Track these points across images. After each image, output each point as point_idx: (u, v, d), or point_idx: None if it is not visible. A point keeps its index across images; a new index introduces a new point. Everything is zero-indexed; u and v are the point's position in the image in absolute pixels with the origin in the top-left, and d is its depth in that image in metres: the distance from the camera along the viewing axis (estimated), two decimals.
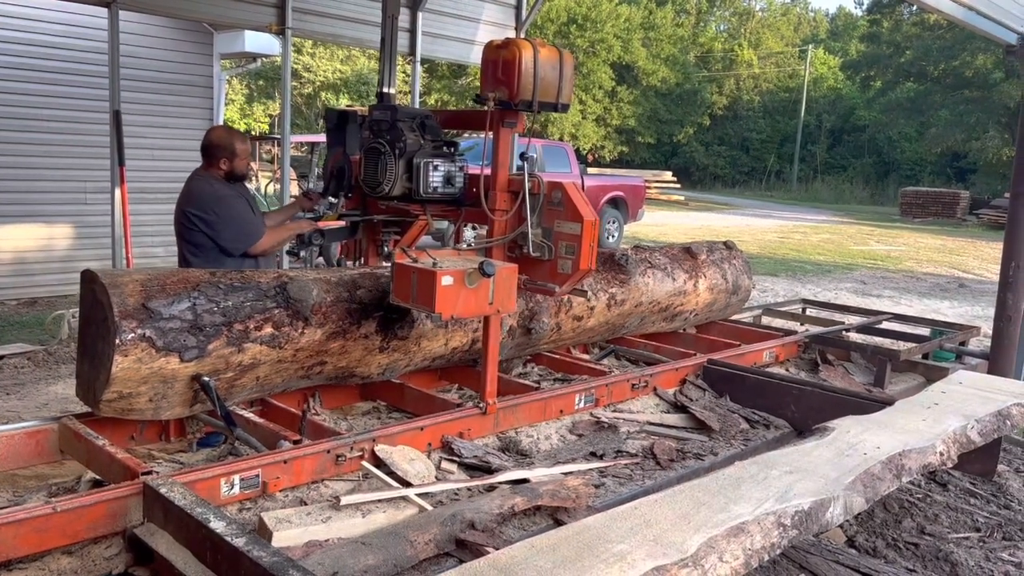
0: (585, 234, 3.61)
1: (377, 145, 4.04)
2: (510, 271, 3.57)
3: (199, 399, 3.42)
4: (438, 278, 3.27)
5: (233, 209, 4.23)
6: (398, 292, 3.51)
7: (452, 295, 3.31)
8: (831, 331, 6.35)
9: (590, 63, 32.99)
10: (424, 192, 3.96)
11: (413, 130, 4.04)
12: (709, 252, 6.03)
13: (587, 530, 2.41)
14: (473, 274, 3.35)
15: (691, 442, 4.22)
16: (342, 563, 2.57)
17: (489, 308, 3.52)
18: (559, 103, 3.75)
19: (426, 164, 3.93)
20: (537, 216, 3.76)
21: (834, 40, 49.30)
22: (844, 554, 3.39)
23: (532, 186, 3.71)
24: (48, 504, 2.61)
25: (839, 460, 3.14)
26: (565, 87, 3.73)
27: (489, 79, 3.66)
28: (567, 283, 3.73)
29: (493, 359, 3.77)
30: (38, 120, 8.60)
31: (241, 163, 4.33)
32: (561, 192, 3.70)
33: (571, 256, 3.66)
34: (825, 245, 18.54)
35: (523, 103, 3.60)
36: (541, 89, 3.61)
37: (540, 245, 3.73)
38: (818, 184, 39.74)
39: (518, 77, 3.54)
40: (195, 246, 4.18)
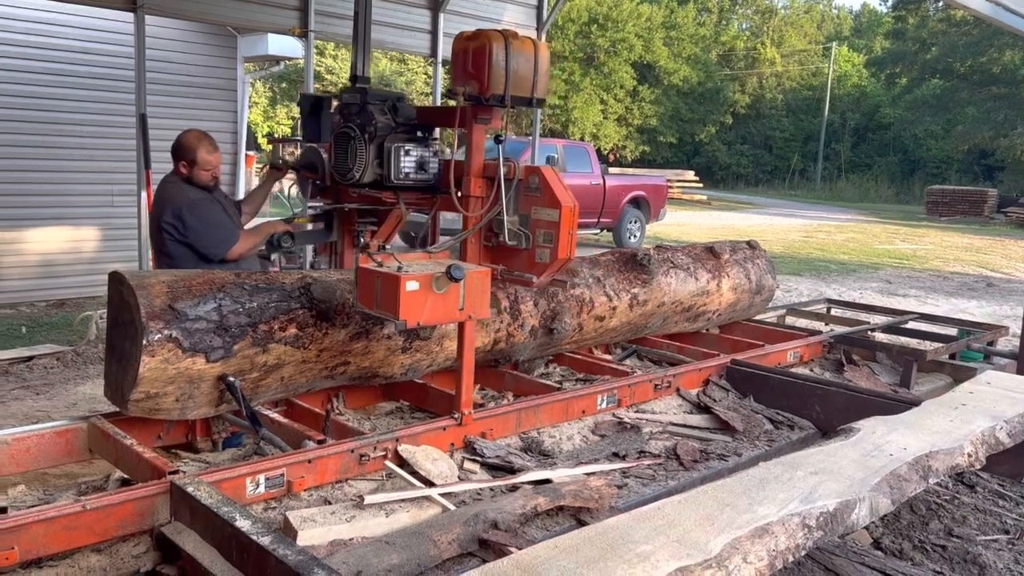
0: (563, 221, 3.45)
1: (347, 130, 3.83)
2: (482, 275, 3.37)
3: (225, 399, 3.45)
4: (402, 283, 3.09)
5: (208, 214, 4.02)
6: (362, 298, 3.34)
7: (418, 301, 3.14)
8: (856, 331, 6.29)
9: (611, 63, 32.90)
10: (395, 179, 3.74)
11: (384, 113, 3.81)
12: (732, 252, 5.99)
13: (610, 530, 2.41)
14: (441, 278, 3.17)
15: (714, 443, 4.20)
16: (366, 562, 2.59)
17: (459, 314, 3.33)
18: (534, 97, 3.57)
19: (397, 149, 3.71)
20: (513, 202, 3.59)
21: (858, 37, 48.85)
22: (870, 556, 3.36)
23: (507, 170, 3.53)
24: (78, 502, 2.65)
25: (865, 461, 3.11)
26: (540, 81, 3.57)
27: (460, 72, 3.49)
28: (545, 273, 3.57)
29: (468, 368, 3.57)
30: (66, 124, 8.72)
31: (201, 173, 4.08)
32: (538, 177, 3.52)
33: (549, 244, 3.49)
34: (850, 244, 18.37)
35: (495, 97, 3.43)
36: (514, 83, 3.44)
37: (516, 233, 3.57)
38: (842, 183, 39.37)
39: (489, 70, 3.38)
40: (171, 256, 4.00)
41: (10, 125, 8.32)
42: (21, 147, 8.45)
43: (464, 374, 3.57)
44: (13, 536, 2.47)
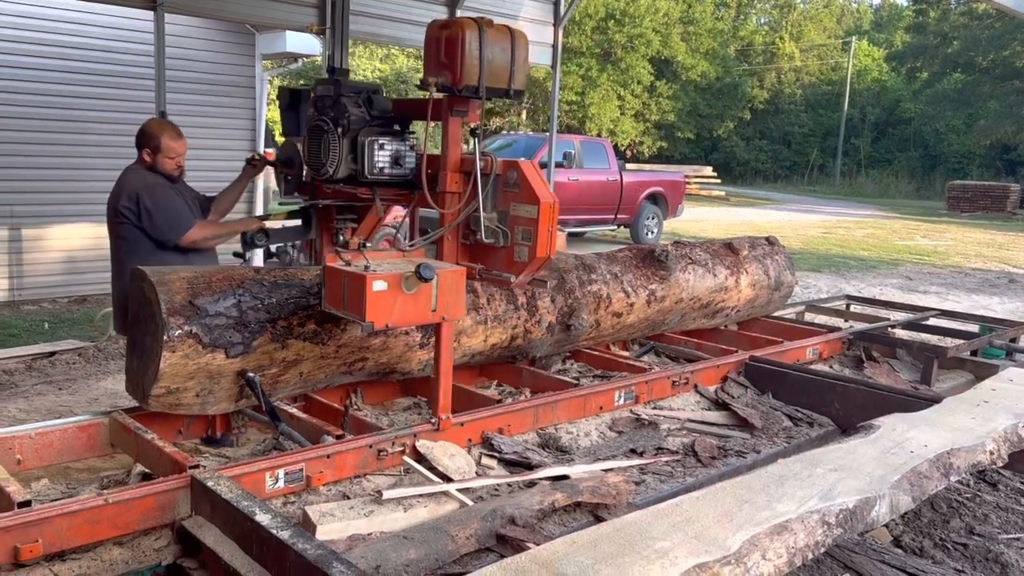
0: (542, 218, 3.29)
1: (320, 123, 3.69)
2: (455, 274, 3.24)
3: (244, 394, 3.48)
4: (368, 283, 2.98)
5: (162, 197, 3.89)
6: (330, 298, 3.23)
7: (386, 302, 3.02)
8: (876, 327, 6.25)
9: (628, 58, 32.76)
10: (370, 173, 3.59)
11: (358, 105, 3.67)
12: (751, 248, 5.96)
13: (628, 527, 2.41)
14: (410, 278, 3.05)
15: (733, 440, 4.18)
16: (384, 557, 2.60)
17: (432, 316, 3.20)
18: (511, 89, 3.41)
19: (371, 143, 3.57)
20: (491, 198, 3.44)
21: (878, 31, 48.41)
22: (890, 554, 3.34)
23: (484, 165, 3.39)
24: (100, 496, 2.68)
25: (885, 458, 3.09)
26: (518, 71, 3.40)
27: (432, 62, 3.34)
28: (524, 272, 3.41)
29: (446, 371, 3.44)
30: (88, 122, 8.80)
31: (166, 161, 3.96)
32: (516, 171, 3.37)
33: (528, 242, 3.33)
34: (869, 240, 18.23)
35: (468, 88, 3.28)
36: (489, 73, 3.30)
37: (494, 230, 3.42)
38: (862, 178, 39.05)
39: (461, 60, 3.23)
40: (126, 240, 3.90)
41: (33, 123, 8.41)
42: (43, 144, 8.53)
43: (442, 377, 3.43)
44: (37, 529, 2.51)
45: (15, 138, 8.08)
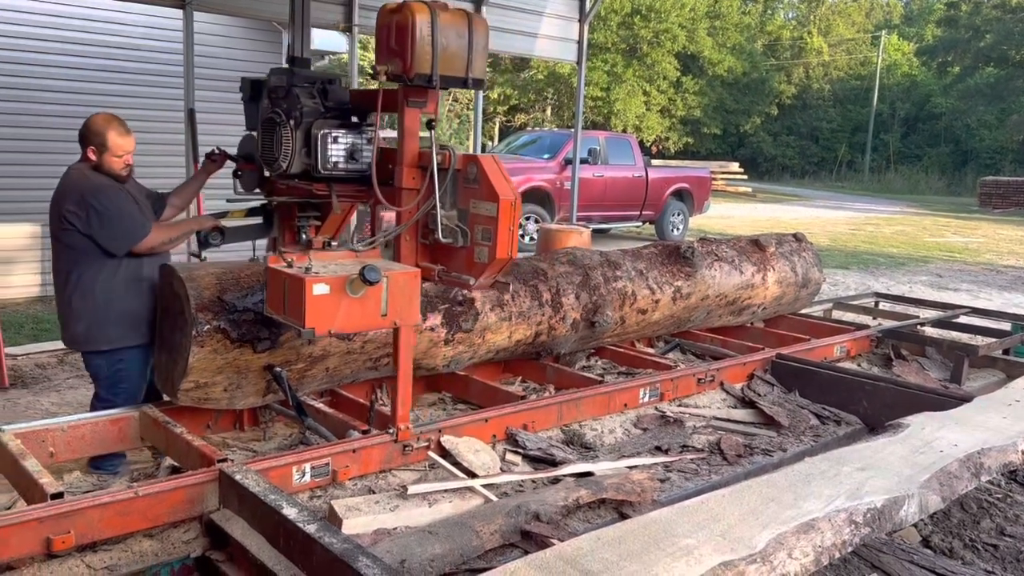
0: (502, 216, 3.07)
1: (273, 115, 3.47)
2: (408, 276, 3.06)
3: (271, 389, 3.52)
4: (308, 286, 2.79)
5: (113, 203, 3.50)
6: (272, 302, 3.03)
7: (329, 306, 2.84)
8: (905, 325, 6.17)
9: (654, 54, 32.55)
10: (323, 168, 3.37)
11: (312, 96, 3.46)
12: (778, 244, 5.92)
13: (653, 524, 2.41)
14: (355, 281, 2.86)
15: (759, 438, 4.16)
16: (410, 551, 2.62)
17: (382, 321, 3.02)
18: (469, 77, 3.21)
19: (324, 136, 3.35)
20: (451, 195, 3.25)
21: (908, 25, 47.71)
22: (919, 554, 3.30)
23: (442, 159, 3.19)
24: (130, 489, 2.73)
25: (913, 457, 3.06)
26: (477, 59, 3.20)
27: (382, 50, 3.16)
28: (484, 274, 3.20)
29: (405, 377, 3.26)
30: None
31: (113, 160, 3.57)
32: (476, 166, 3.16)
33: (487, 243, 3.12)
34: (899, 237, 18.00)
35: (420, 77, 3.08)
36: (443, 60, 3.10)
37: (452, 229, 3.21)
38: (891, 174, 38.52)
39: (412, 46, 3.03)
40: (71, 248, 3.50)
41: (65, 121, 8.51)
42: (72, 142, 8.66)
43: (400, 385, 3.26)
44: (70, 520, 2.55)
45: (45, 136, 8.19)
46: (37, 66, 8.10)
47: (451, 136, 26.95)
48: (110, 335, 3.51)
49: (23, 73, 7.98)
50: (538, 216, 13.11)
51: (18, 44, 7.92)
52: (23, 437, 3.13)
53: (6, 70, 7.84)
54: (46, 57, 8.19)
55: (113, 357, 3.55)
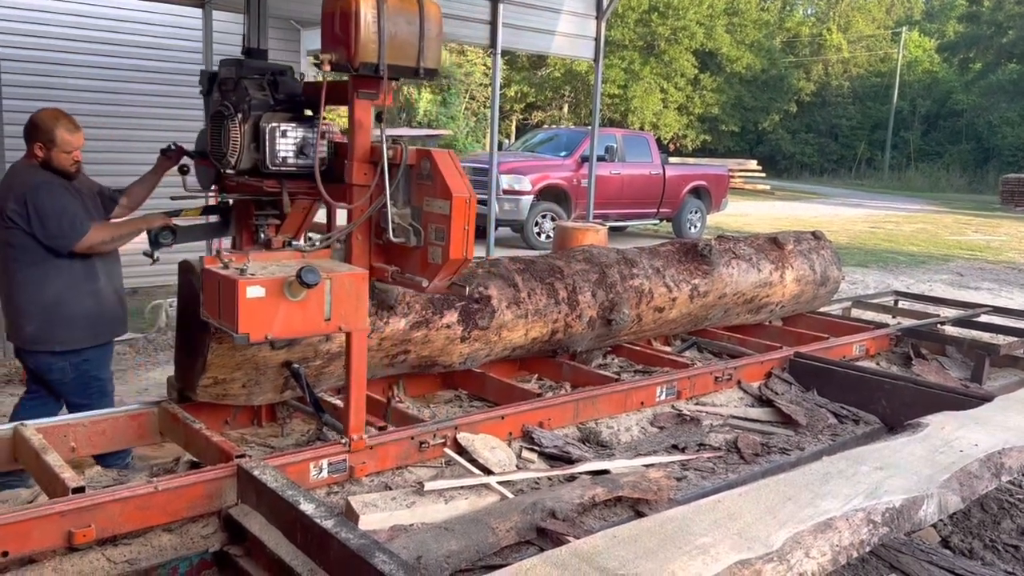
0: (455, 214, 2.91)
1: (222, 108, 3.32)
2: (354, 278, 2.91)
3: (289, 386, 3.54)
4: (241, 289, 2.64)
5: (51, 199, 3.44)
6: (207, 305, 2.88)
7: (265, 310, 2.70)
8: (925, 324, 6.12)
9: (672, 51, 32.46)
10: (272, 164, 3.20)
11: (262, 88, 3.29)
12: (796, 242, 5.88)
13: (669, 522, 2.40)
14: (293, 284, 2.70)
15: (776, 436, 4.14)
16: (426, 547, 2.63)
17: (325, 325, 2.87)
18: (420, 67, 3.03)
19: (273, 129, 3.18)
20: (403, 192, 3.10)
21: (930, 21, 47.25)
22: (938, 554, 3.27)
23: (393, 154, 3.03)
24: (150, 483, 2.75)
25: (933, 457, 3.03)
26: (429, 48, 3.02)
27: (327, 37, 3.00)
28: (438, 276, 3.04)
29: (358, 384, 3.10)
30: (140, 118, 8.97)
31: (61, 157, 3.50)
32: (430, 161, 3.00)
33: (441, 242, 2.97)
34: (919, 235, 17.84)
35: (366, 66, 2.90)
36: (392, 49, 2.92)
37: (405, 228, 3.06)
38: (911, 172, 38.19)
39: (356, 33, 2.86)
40: (13, 247, 3.47)
41: (90, 120, 8.57)
42: (96, 140, 8.72)
43: (352, 392, 3.11)
44: (91, 514, 2.58)
45: None
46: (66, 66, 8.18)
47: (468, 134, 26.99)
48: (62, 336, 3.49)
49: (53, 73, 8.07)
50: (555, 214, 13.11)
51: (45, 44, 8.01)
52: (45, 432, 3.17)
53: (37, 70, 7.92)
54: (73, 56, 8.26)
55: (76, 359, 3.54)
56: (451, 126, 25.04)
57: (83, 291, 3.52)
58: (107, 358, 3.70)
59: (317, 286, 2.72)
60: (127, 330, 3.99)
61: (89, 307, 3.53)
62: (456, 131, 25.46)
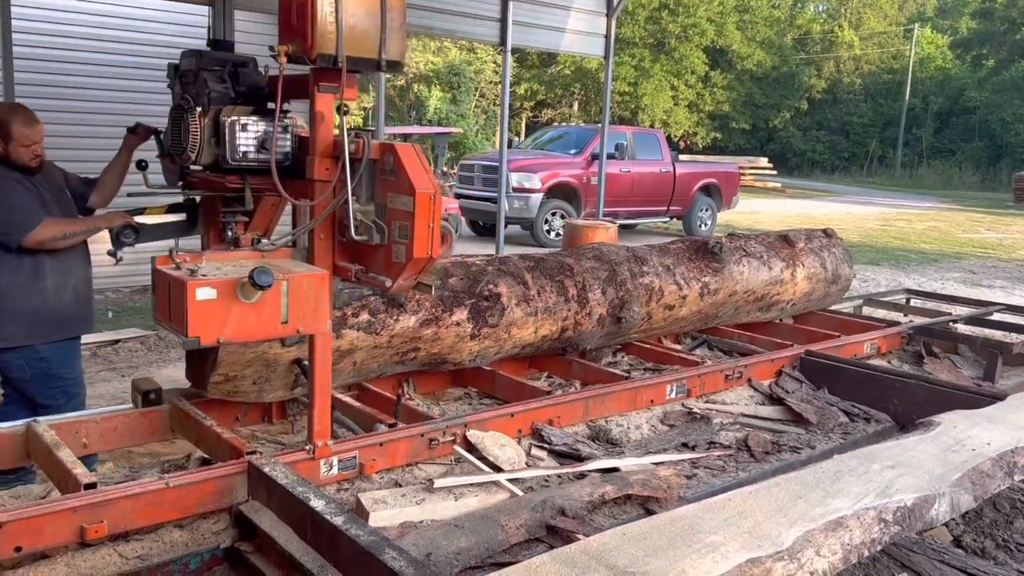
0: (419, 211, 2.78)
1: (182, 101, 3.20)
2: (313, 279, 2.79)
3: (300, 383, 3.55)
4: (190, 291, 2.53)
5: (2, 192, 3.37)
6: (159, 307, 2.76)
7: (216, 313, 2.59)
8: (937, 322, 6.09)
9: (682, 48, 32.38)
10: (232, 159, 3.06)
11: (222, 80, 3.16)
12: (807, 240, 5.86)
13: (679, 520, 2.40)
14: (246, 285, 2.58)
15: (787, 435, 4.13)
16: (435, 544, 2.63)
17: (282, 328, 2.75)
18: (382, 60, 2.90)
19: (232, 123, 3.04)
20: (367, 188, 2.98)
21: (942, 18, 46.97)
22: (950, 554, 3.25)
23: (355, 149, 2.90)
24: (161, 480, 2.77)
25: (945, 456, 3.02)
26: (392, 39, 2.90)
27: (284, 28, 2.90)
28: (402, 275, 2.91)
29: (322, 390, 3.00)
30: (152, 116, 9.02)
31: (20, 151, 3.42)
32: (393, 156, 2.87)
33: (405, 240, 2.85)
34: (931, 233, 17.75)
35: (323, 58, 2.78)
36: (351, 40, 2.80)
37: (368, 226, 2.93)
38: (924, 169, 37.99)
39: (312, 24, 2.74)
40: None
41: (102, 118, 8.62)
42: (106, 139, 8.76)
43: (316, 398, 3.00)
44: (103, 510, 2.59)
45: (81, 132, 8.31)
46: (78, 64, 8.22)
47: (478, 132, 27.00)
48: (7, 332, 3.41)
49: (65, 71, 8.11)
50: (564, 211, 13.10)
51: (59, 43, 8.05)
52: (57, 428, 3.19)
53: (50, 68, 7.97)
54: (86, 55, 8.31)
55: (31, 356, 3.47)
56: (461, 124, 25.04)
57: (29, 287, 3.42)
58: (69, 357, 3.58)
59: (272, 288, 2.62)
60: (91, 329, 3.86)
61: (36, 304, 3.43)
62: (466, 129, 25.47)
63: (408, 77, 26.95)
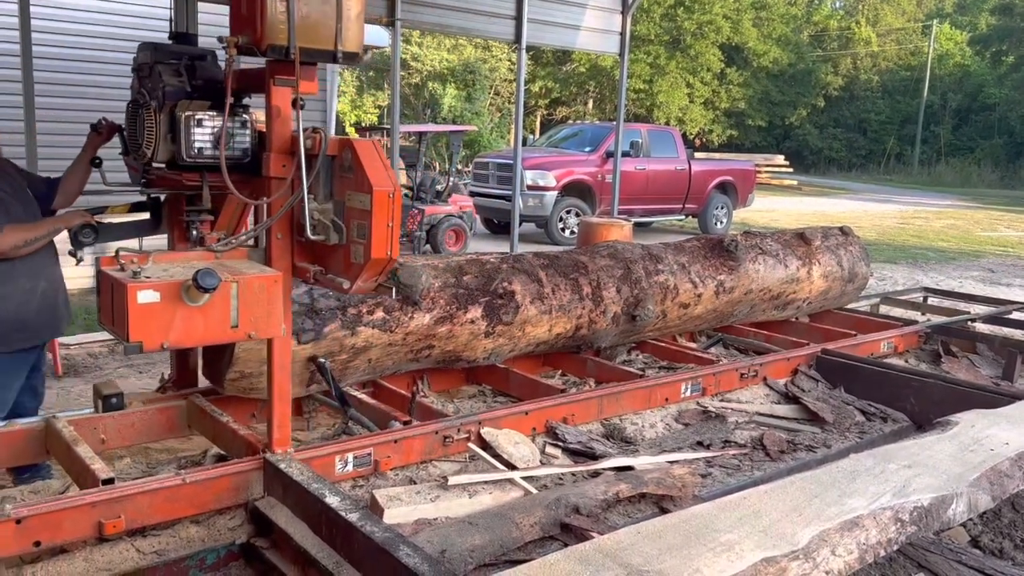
0: (377, 210, 2.65)
1: (137, 96, 3.09)
2: (265, 281, 2.66)
3: (315, 380, 3.56)
4: (130, 293, 2.42)
5: None
6: (103, 310, 2.64)
7: (160, 317, 2.47)
8: (955, 321, 6.04)
9: (698, 45, 32.22)
10: (187, 155, 2.92)
11: (178, 74, 3.02)
12: (824, 238, 5.82)
13: (694, 518, 2.39)
14: (191, 288, 2.47)
15: (803, 434, 4.11)
16: (450, 541, 2.64)
17: (232, 333, 2.62)
18: (338, 51, 2.77)
19: (188, 118, 2.90)
20: (325, 185, 2.87)
21: (961, 14, 46.50)
22: (967, 554, 3.23)
23: (312, 144, 2.78)
24: (178, 476, 2.79)
25: (962, 455, 2.99)
26: (349, 29, 2.77)
27: (234, 19, 2.79)
28: (361, 277, 2.79)
29: (280, 397, 2.92)
30: None
31: None
32: (351, 152, 2.75)
33: (363, 240, 2.74)
34: (949, 231, 17.59)
35: (274, 49, 2.65)
36: (304, 30, 2.67)
37: (324, 225, 2.81)
38: (942, 167, 37.64)
39: (262, 13, 2.61)
40: None
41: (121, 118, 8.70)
42: None
43: (275, 405, 2.93)
44: (120, 505, 2.62)
45: None
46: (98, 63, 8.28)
47: (492, 130, 27.00)
48: None
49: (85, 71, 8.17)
50: (579, 209, 13.08)
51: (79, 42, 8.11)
52: (76, 424, 3.22)
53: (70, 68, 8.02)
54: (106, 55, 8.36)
55: None
56: (476, 122, 25.05)
57: None
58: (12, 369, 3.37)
59: (220, 290, 2.51)
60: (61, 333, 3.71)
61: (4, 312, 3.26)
62: (481, 127, 25.48)
63: (423, 74, 26.98)
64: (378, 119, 27.66)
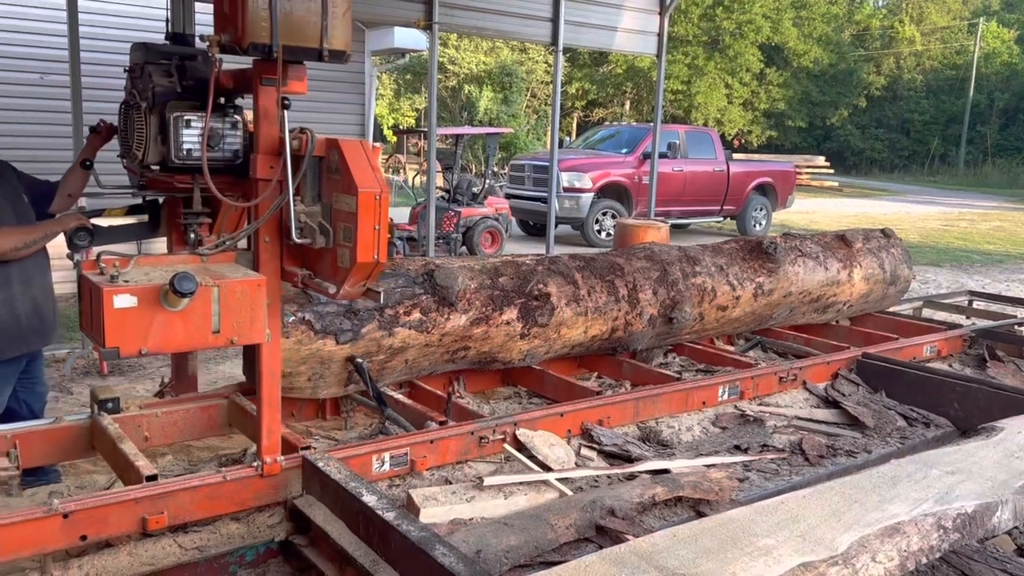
0: (363, 212, 2.60)
1: (129, 97, 3.06)
2: (247, 285, 2.60)
3: (353, 380, 3.60)
4: (107, 298, 2.37)
5: None
6: (84, 315, 2.61)
7: (137, 322, 2.42)
8: (1001, 325, 5.91)
9: (737, 45, 31.93)
10: (177, 157, 2.88)
11: (168, 75, 2.98)
12: (865, 240, 5.74)
13: (731, 522, 2.37)
14: (170, 293, 2.42)
15: (843, 438, 4.05)
16: (485, 542, 2.65)
17: (214, 338, 2.56)
18: (324, 49, 2.70)
19: (177, 119, 2.86)
20: (312, 187, 2.82)
21: (1009, 11, 45.46)
22: (1013, 563, 3.16)
23: (298, 145, 2.73)
24: (219, 473, 2.83)
25: (1008, 462, 2.93)
26: (334, 26, 2.70)
27: (218, 17, 2.73)
28: (348, 281, 2.72)
29: (270, 403, 2.86)
30: None
31: None
32: (338, 153, 2.69)
33: (349, 243, 2.68)
34: (996, 234, 17.21)
35: (256, 48, 2.59)
36: (287, 28, 2.60)
37: (311, 228, 2.76)
38: (988, 168, 36.85)
39: (244, 10, 2.55)
40: None
41: None
42: None
43: (264, 411, 2.87)
44: (163, 502, 2.67)
45: None
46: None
47: (528, 132, 27.03)
48: None
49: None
50: (615, 211, 13.04)
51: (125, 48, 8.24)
52: (121, 422, 3.28)
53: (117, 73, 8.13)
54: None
55: None
56: (512, 124, 25.11)
57: None
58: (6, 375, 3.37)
59: (200, 295, 2.46)
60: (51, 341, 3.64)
61: None
62: (517, 129, 25.53)
63: (460, 77, 27.10)
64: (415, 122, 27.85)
